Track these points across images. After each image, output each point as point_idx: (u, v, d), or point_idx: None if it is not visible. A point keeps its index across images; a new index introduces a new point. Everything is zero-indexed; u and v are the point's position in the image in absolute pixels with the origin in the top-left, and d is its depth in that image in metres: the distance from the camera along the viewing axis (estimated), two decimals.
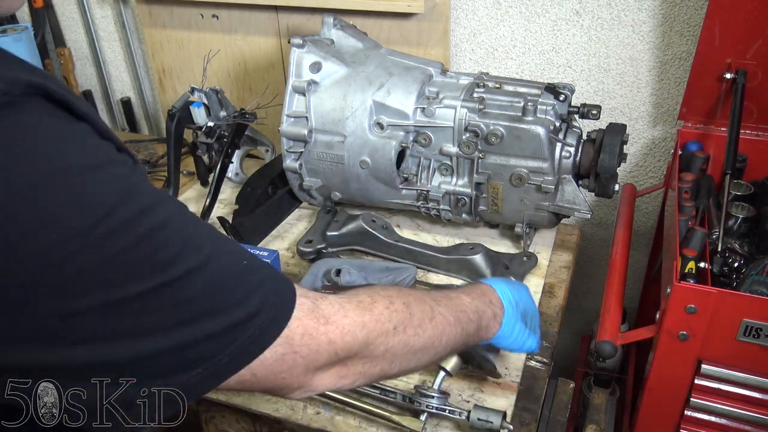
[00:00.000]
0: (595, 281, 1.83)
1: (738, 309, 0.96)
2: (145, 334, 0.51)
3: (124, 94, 2.15)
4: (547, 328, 1.16)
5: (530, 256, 1.31)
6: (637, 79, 1.49)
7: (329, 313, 0.65)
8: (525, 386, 1.05)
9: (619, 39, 1.46)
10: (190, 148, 1.51)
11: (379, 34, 1.56)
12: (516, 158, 1.21)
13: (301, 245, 1.33)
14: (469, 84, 1.26)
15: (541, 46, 1.53)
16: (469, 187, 1.27)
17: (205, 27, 1.76)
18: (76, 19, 2.04)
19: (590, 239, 1.76)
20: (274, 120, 1.75)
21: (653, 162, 1.59)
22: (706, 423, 1.09)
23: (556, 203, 1.24)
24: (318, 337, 0.63)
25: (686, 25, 1.39)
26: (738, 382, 1.04)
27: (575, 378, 1.67)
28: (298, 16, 1.63)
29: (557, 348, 1.25)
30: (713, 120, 1.34)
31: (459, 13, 1.56)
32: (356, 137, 1.27)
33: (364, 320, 0.68)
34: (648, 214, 1.67)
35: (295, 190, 1.43)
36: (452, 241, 1.37)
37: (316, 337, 0.63)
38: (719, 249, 1.09)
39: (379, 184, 1.32)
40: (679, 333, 1.01)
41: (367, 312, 0.69)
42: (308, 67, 1.29)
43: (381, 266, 1.17)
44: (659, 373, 1.08)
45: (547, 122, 1.17)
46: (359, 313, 0.68)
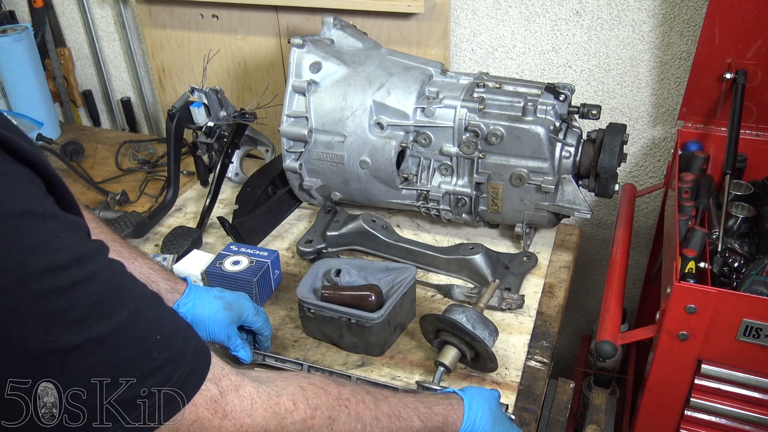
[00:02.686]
0: (595, 281, 1.83)
1: (738, 309, 0.96)
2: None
3: (124, 94, 2.15)
4: (547, 328, 1.16)
5: (530, 256, 1.31)
6: (637, 79, 1.50)
7: (232, 408, 0.62)
8: (525, 386, 1.05)
9: (619, 39, 1.46)
10: (190, 148, 1.51)
11: (379, 34, 1.56)
12: (516, 158, 1.21)
13: (301, 245, 1.33)
14: (469, 84, 1.26)
15: (541, 46, 1.53)
16: (469, 187, 1.27)
17: (205, 27, 1.76)
18: (76, 19, 2.04)
19: (590, 239, 1.76)
20: (274, 120, 1.76)
21: (653, 162, 1.59)
22: (706, 423, 1.09)
23: (556, 203, 1.24)
24: (209, 429, 0.60)
25: (686, 25, 1.39)
26: (738, 382, 1.04)
27: (575, 378, 1.67)
28: (298, 16, 1.63)
29: (557, 348, 1.25)
30: (713, 120, 1.34)
31: (459, 13, 1.56)
32: (356, 137, 1.27)
33: (268, 426, 0.64)
34: (648, 214, 1.67)
35: (295, 190, 1.43)
36: (452, 241, 1.37)
37: (207, 428, 0.60)
38: (719, 249, 1.09)
39: (379, 184, 1.32)
40: (679, 333, 1.01)
41: (277, 419, 0.65)
42: (308, 67, 1.29)
43: (381, 266, 1.17)
44: (659, 373, 1.08)
45: (547, 122, 1.17)
46: (267, 416, 0.64)
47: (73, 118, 2.20)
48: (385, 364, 1.08)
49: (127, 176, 1.72)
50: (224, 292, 1.04)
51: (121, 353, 0.54)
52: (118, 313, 0.54)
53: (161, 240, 1.36)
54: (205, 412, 0.60)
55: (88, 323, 0.52)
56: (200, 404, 0.59)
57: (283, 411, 0.66)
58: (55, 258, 0.50)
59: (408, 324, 1.16)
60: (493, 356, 1.01)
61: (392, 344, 1.12)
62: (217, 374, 0.62)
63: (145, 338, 0.56)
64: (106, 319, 0.53)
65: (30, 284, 0.49)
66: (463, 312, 1.02)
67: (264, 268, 1.19)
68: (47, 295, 0.49)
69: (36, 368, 0.50)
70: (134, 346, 0.55)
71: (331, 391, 0.72)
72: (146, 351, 0.56)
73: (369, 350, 1.09)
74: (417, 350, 1.11)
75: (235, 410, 0.62)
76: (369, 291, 1.07)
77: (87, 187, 1.64)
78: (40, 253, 0.50)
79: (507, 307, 1.18)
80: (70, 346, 0.50)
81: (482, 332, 1.01)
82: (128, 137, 1.94)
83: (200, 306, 0.98)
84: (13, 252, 0.48)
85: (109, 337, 0.53)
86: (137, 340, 0.55)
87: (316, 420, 0.68)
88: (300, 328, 1.15)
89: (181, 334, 0.60)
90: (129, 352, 0.54)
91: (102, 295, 0.53)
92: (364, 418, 0.73)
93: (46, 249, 0.50)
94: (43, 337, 0.49)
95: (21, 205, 0.50)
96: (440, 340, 1.04)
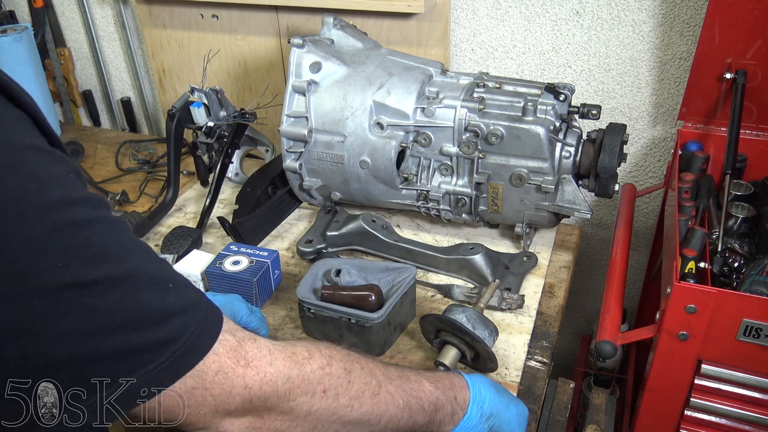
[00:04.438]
0: (595, 281, 1.83)
1: (738, 309, 0.96)
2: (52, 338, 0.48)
3: (124, 94, 2.15)
4: (547, 328, 1.16)
5: (530, 256, 1.31)
6: (637, 79, 1.50)
7: (253, 356, 0.62)
8: (525, 386, 1.05)
9: (619, 39, 1.46)
10: (190, 148, 1.51)
11: (379, 34, 1.56)
12: (516, 158, 1.21)
13: (301, 245, 1.33)
14: (469, 84, 1.26)
15: (541, 46, 1.53)
16: (469, 187, 1.27)
17: (205, 27, 1.76)
18: (76, 19, 2.04)
19: (590, 239, 1.76)
20: (274, 120, 1.76)
21: (653, 162, 1.59)
22: (706, 423, 1.09)
23: (556, 203, 1.24)
24: (234, 379, 0.59)
25: (686, 25, 1.39)
26: (738, 382, 1.04)
27: (575, 378, 1.67)
28: (298, 16, 1.63)
29: (557, 348, 1.25)
30: (713, 120, 1.34)
31: (459, 13, 1.56)
32: (356, 137, 1.27)
33: (291, 373, 0.64)
34: (648, 214, 1.67)
35: (295, 190, 1.43)
36: (452, 241, 1.37)
37: (231, 377, 0.59)
38: (719, 249, 1.09)
39: (379, 184, 1.32)
40: (679, 333, 1.01)
41: (297, 366, 0.65)
42: (308, 67, 1.29)
43: (381, 266, 1.17)
44: (659, 373, 1.08)
45: (547, 122, 1.17)
46: (288, 364, 0.64)
47: (73, 118, 2.20)
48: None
49: (127, 176, 1.72)
50: (216, 295, 1.04)
51: (138, 296, 0.53)
52: (130, 257, 0.54)
53: (161, 240, 1.36)
54: (227, 360, 0.59)
55: (103, 260, 0.51)
56: (221, 353, 0.59)
57: (301, 359, 0.66)
58: (68, 193, 0.50)
59: (408, 324, 1.16)
60: (493, 356, 1.01)
61: (392, 344, 1.12)
62: (232, 327, 0.62)
63: (159, 285, 0.56)
64: (120, 260, 0.53)
65: (48, 214, 0.48)
66: (463, 312, 1.02)
67: (264, 268, 1.19)
68: (64, 228, 0.49)
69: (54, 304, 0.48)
70: (149, 290, 0.54)
71: (340, 349, 0.73)
72: (161, 296, 0.55)
73: (369, 350, 1.09)
74: (417, 350, 1.11)
75: (256, 358, 0.62)
76: (369, 291, 1.07)
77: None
78: (55, 185, 0.49)
79: (507, 307, 1.18)
80: (88, 280, 0.50)
81: (482, 332, 1.01)
82: (128, 137, 1.95)
83: None
84: (28, 180, 0.48)
85: (125, 278, 0.53)
86: (152, 284, 0.55)
87: (333, 368, 0.68)
88: (300, 328, 1.15)
89: (191, 288, 0.60)
90: (146, 296, 0.54)
91: (114, 236, 0.53)
92: (377, 375, 0.73)
93: (59, 183, 0.50)
94: (62, 269, 0.48)
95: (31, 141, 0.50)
96: (440, 340, 1.04)
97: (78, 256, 0.49)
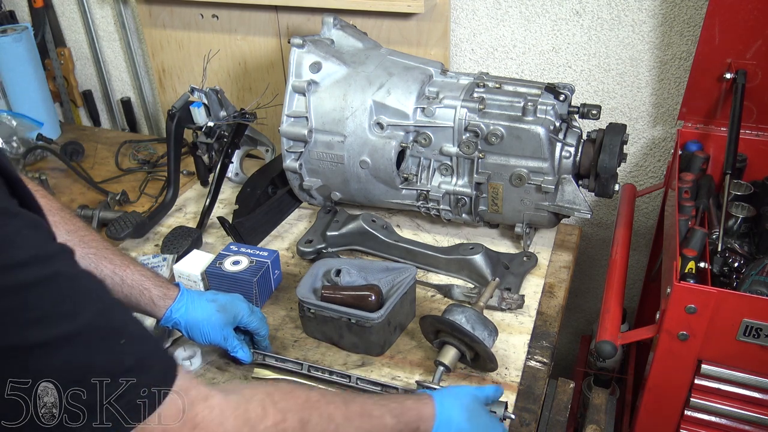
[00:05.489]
0: (595, 281, 1.83)
1: (738, 309, 0.96)
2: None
3: (124, 94, 2.15)
4: (547, 328, 1.16)
5: (530, 256, 1.31)
6: (637, 79, 1.50)
7: (201, 418, 0.60)
8: (525, 386, 1.05)
9: (619, 39, 1.46)
10: (190, 148, 1.51)
11: (379, 34, 1.56)
12: (516, 158, 1.21)
13: (301, 245, 1.33)
14: (469, 84, 1.26)
15: (541, 46, 1.53)
16: (469, 187, 1.27)
17: (205, 27, 1.76)
18: (76, 19, 2.04)
19: (590, 239, 1.76)
20: (274, 120, 1.76)
21: (653, 162, 1.59)
22: (706, 423, 1.09)
23: (556, 203, 1.24)
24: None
25: (686, 25, 1.39)
26: (738, 382, 1.04)
27: (575, 378, 1.67)
28: (298, 16, 1.63)
29: (557, 348, 1.25)
30: (713, 120, 1.34)
31: (459, 13, 1.56)
32: (356, 137, 1.27)
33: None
34: (648, 214, 1.67)
35: (295, 190, 1.43)
36: (452, 241, 1.37)
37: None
38: (719, 249, 1.09)
39: (379, 184, 1.32)
40: (679, 333, 1.01)
41: (248, 425, 0.64)
42: (308, 67, 1.29)
43: (381, 266, 1.17)
44: (659, 373, 1.08)
45: (547, 122, 1.17)
46: (238, 424, 0.63)
47: (73, 118, 2.20)
48: (385, 364, 1.08)
49: (127, 176, 1.72)
50: (217, 295, 1.04)
51: (85, 354, 0.53)
52: (82, 314, 0.53)
53: (161, 240, 1.36)
54: (172, 423, 0.58)
55: (51, 322, 0.51)
56: (168, 416, 0.58)
57: (254, 417, 0.65)
58: (16, 254, 0.50)
59: (408, 324, 1.16)
60: (492, 356, 1.01)
61: (392, 344, 1.12)
62: (185, 385, 0.60)
63: (111, 342, 0.55)
64: (69, 318, 0.52)
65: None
66: (462, 312, 1.02)
67: (264, 268, 1.19)
68: (9, 291, 0.49)
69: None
70: (99, 348, 0.54)
71: (299, 394, 0.72)
72: (111, 354, 0.55)
73: (369, 350, 1.09)
74: (417, 350, 1.11)
75: (204, 421, 0.61)
76: (369, 291, 1.07)
77: (87, 187, 1.64)
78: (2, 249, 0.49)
79: (507, 307, 1.18)
80: (33, 343, 0.50)
81: (482, 333, 1.01)
82: (128, 137, 1.95)
83: (193, 310, 0.98)
84: None
85: (73, 337, 0.52)
86: (102, 342, 0.54)
87: (288, 423, 0.67)
88: (300, 328, 1.15)
89: (147, 343, 0.59)
90: (93, 354, 0.53)
91: (66, 294, 0.53)
92: (336, 419, 0.72)
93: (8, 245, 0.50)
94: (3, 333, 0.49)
95: None
96: (440, 341, 1.04)
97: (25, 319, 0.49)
